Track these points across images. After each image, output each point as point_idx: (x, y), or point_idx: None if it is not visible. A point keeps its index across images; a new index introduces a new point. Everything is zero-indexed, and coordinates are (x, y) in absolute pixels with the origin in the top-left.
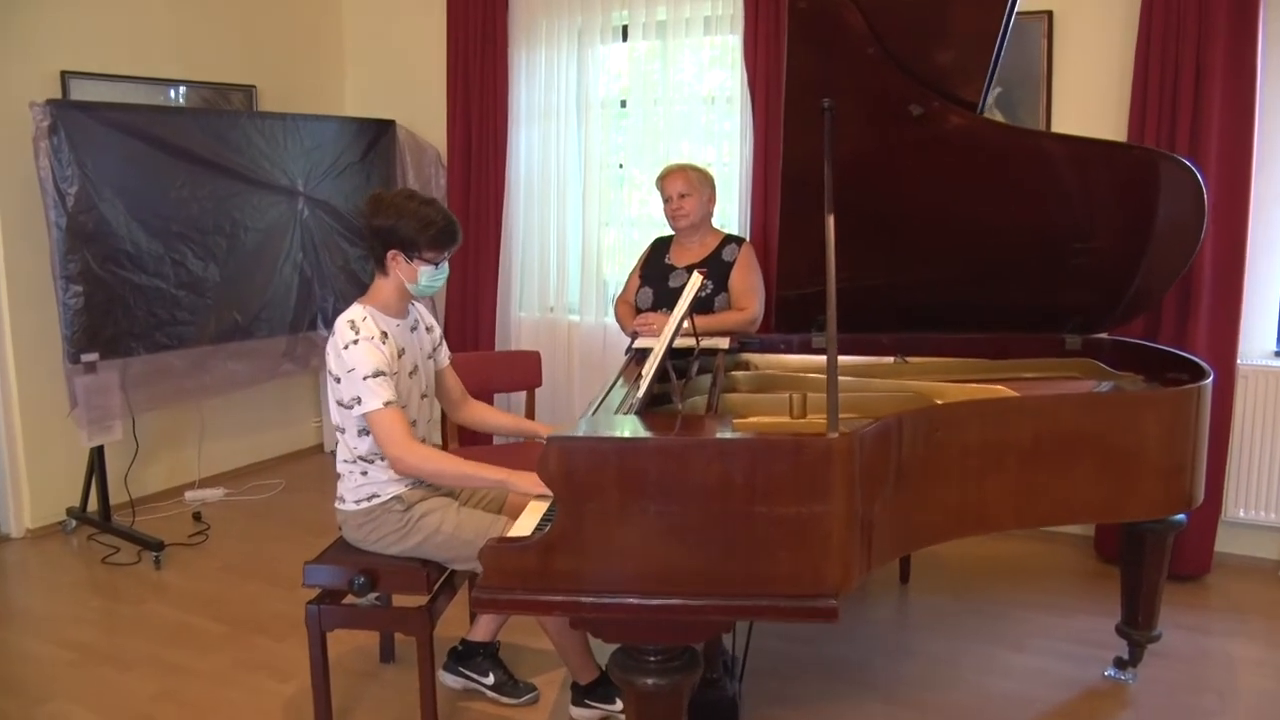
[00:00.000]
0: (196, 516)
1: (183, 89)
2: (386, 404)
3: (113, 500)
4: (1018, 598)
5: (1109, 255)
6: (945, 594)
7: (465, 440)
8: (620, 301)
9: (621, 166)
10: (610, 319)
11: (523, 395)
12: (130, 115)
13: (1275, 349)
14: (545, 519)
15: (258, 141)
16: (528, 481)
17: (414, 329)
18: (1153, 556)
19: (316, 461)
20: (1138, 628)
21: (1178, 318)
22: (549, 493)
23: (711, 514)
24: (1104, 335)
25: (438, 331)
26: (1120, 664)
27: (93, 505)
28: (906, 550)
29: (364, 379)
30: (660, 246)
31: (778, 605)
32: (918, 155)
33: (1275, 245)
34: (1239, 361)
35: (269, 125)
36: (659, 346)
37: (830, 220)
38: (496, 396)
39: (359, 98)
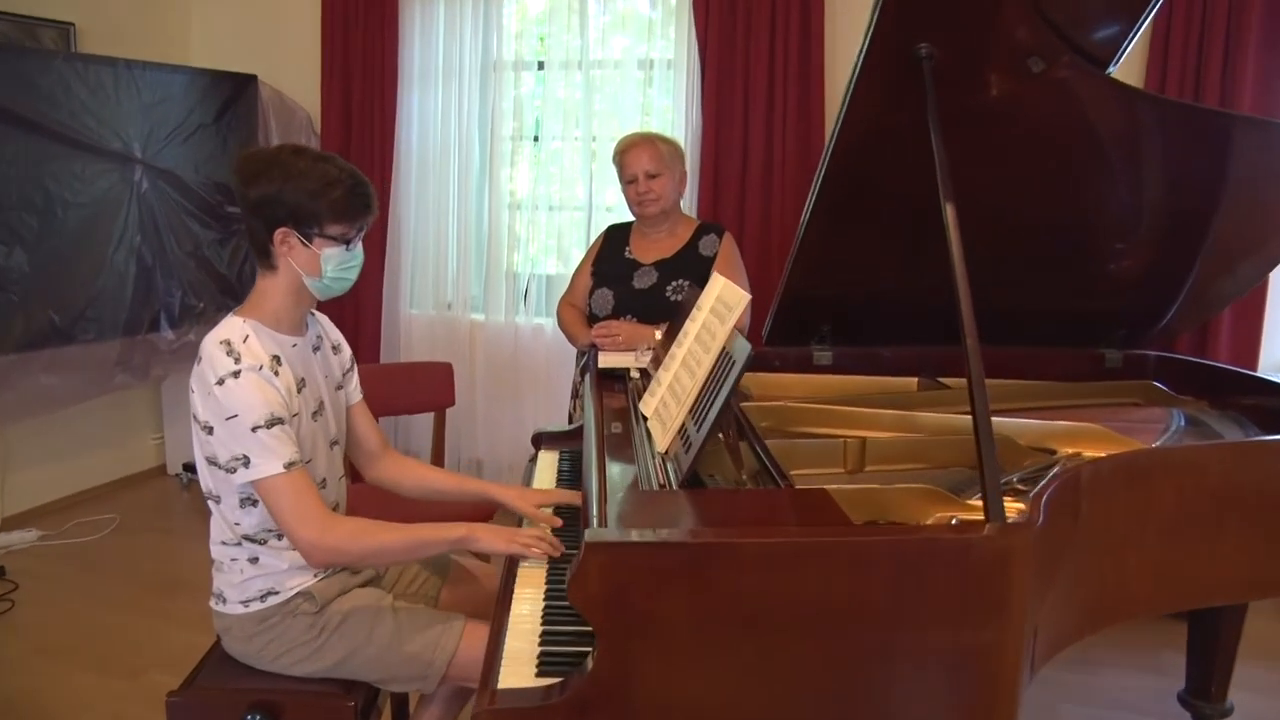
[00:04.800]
0: (0, 572)
1: None
2: (289, 465)
3: None
4: None
5: (1160, 248)
6: None
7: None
8: (565, 305)
9: (537, 140)
10: (524, 319)
11: (425, 419)
12: None
13: None
14: (549, 633)
15: (79, 92)
16: (502, 538)
17: (316, 349)
18: (1232, 620)
19: (158, 487)
20: (1210, 700)
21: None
22: (530, 549)
23: (834, 647)
24: (1147, 351)
25: (347, 352)
26: None
27: None
28: (1047, 660)
29: (253, 430)
30: (617, 237)
31: None
32: (993, 129)
33: None
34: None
35: (96, 72)
36: (698, 413)
37: (949, 209)
38: (387, 421)
39: (208, 46)
